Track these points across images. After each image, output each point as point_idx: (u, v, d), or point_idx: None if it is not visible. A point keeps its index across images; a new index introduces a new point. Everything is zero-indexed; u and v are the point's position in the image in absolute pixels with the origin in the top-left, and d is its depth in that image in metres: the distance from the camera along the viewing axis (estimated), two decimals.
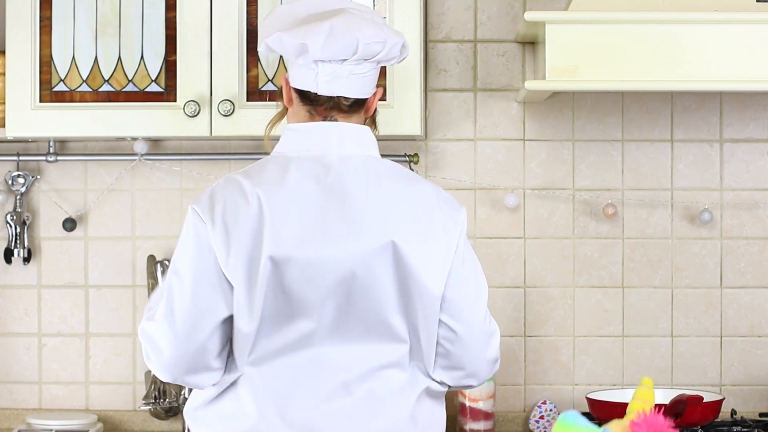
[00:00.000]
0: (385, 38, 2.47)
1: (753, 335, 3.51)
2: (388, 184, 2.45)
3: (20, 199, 3.49)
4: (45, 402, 3.54)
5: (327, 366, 2.43)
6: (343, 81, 2.47)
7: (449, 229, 2.46)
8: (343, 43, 2.44)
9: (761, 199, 3.48)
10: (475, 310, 2.50)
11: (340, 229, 2.40)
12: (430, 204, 2.46)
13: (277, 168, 2.45)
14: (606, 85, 3.09)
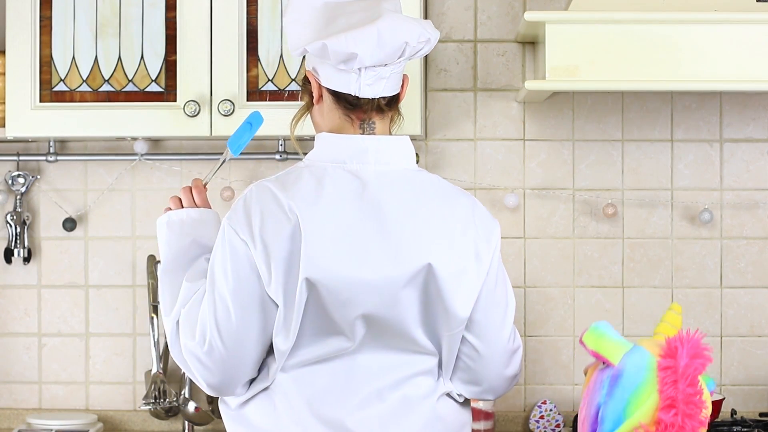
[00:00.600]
0: (429, 36, 2.41)
1: (753, 335, 3.51)
2: (426, 202, 2.39)
3: (20, 199, 3.49)
4: (45, 402, 3.54)
5: (360, 373, 2.40)
6: (384, 81, 2.41)
7: (482, 250, 2.42)
8: (392, 46, 2.37)
9: (761, 199, 3.48)
10: (502, 332, 2.48)
11: (377, 251, 2.34)
12: (466, 222, 2.42)
13: (312, 180, 2.37)
14: (606, 85, 3.09)
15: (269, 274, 2.32)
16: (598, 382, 2.19)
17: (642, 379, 2.13)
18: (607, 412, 2.14)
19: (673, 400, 2.09)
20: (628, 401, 2.13)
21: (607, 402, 2.15)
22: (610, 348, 2.17)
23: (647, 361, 2.15)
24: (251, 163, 3.47)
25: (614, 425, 2.14)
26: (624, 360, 2.16)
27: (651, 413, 2.11)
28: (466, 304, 2.40)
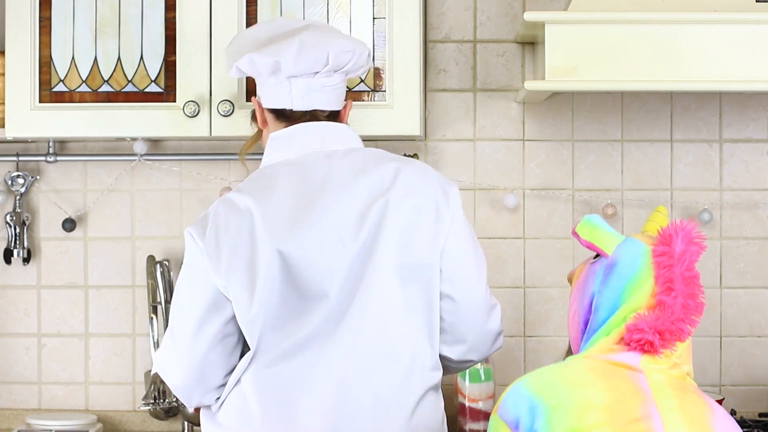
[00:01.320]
0: (353, 47, 2.57)
1: (753, 335, 3.51)
2: (374, 168, 2.51)
3: (20, 200, 3.49)
4: (45, 402, 3.54)
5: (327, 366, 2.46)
6: (317, 94, 2.55)
7: (441, 203, 2.52)
8: (314, 55, 2.52)
9: (761, 199, 3.48)
10: (478, 284, 2.56)
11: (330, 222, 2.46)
12: (419, 181, 2.52)
13: (266, 178, 2.52)
14: (605, 85, 3.09)
15: (218, 261, 2.44)
16: (590, 273, 2.22)
17: (638, 266, 2.15)
18: (602, 300, 2.16)
19: (671, 281, 2.11)
20: (623, 288, 2.14)
21: (601, 291, 2.17)
22: (603, 238, 2.20)
23: (642, 249, 2.17)
24: (250, 164, 3.46)
25: (609, 312, 2.15)
26: (618, 250, 2.18)
27: (646, 299, 2.13)
28: (430, 250, 2.48)
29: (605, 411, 2.02)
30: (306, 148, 2.55)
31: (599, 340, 2.15)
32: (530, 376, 2.12)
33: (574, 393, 2.05)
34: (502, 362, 3.47)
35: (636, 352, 2.12)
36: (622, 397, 2.05)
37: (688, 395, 2.10)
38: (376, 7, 3.16)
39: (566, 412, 2.03)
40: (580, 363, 2.12)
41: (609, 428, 2.00)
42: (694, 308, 2.11)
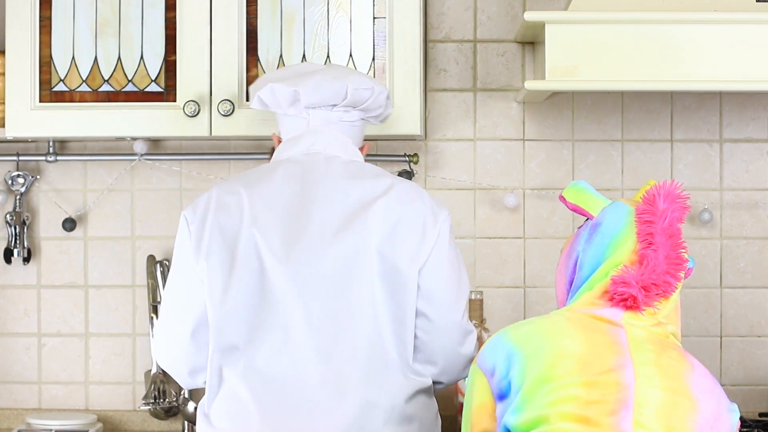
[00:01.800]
0: (372, 86, 2.63)
1: (753, 335, 3.51)
2: (370, 178, 2.55)
3: (20, 199, 3.49)
4: (45, 402, 3.54)
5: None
6: (333, 127, 2.62)
7: (428, 223, 2.54)
8: (333, 87, 2.59)
9: (761, 199, 3.48)
10: (455, 306, 2.57)
11: (317, 219, 2.50)
12: (410, 197, 2.55)
13: (265, 171, 2.58)
14: (606, 85, 3.09)
15: (198, 241, 2.51)
16: (577, 235, 2.26)
17: (621, 225, 2.19)
18: (586, 258, 2.21)
19: (652, 236, 2.14)
20: (606, 246, 2.19)
21: (585, 249, 2.22)
22: (589, 201, 2.25)
23: (626, 210, 2.21)
24: (251, 163, 3.47)
25: (592, 269, 2.19)
26: (603, 211, 2.23)
27: (628, 255, 2.16)
28: (411, 262, 2.50)
29: (577, 360, 2.05)
30: (309, 148, 2.60)
31: (583, 294, 2.19)
32: (511, 328, 2.15)
33: (549, 342, 2.08)
34: None
35: (619, 307, 2.15)
36: (596, 349, 2.07)
37: (666, 351, 2.11)
38: (376, 7, 3.16)
39: (540, 360, 2.06)
40: (560, 315, 2.16)
41: (578, 377, 2.03)
42: (676, 260, 2.14)
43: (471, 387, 2.17)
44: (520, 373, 2.07)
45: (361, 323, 2.47)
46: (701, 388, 2.08)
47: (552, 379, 2.04)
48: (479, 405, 2.13)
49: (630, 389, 2.03)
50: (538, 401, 2.03)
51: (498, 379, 2.10)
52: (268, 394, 2.45)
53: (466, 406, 2.17)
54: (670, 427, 2.03)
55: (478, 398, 2.13)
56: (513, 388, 2.07)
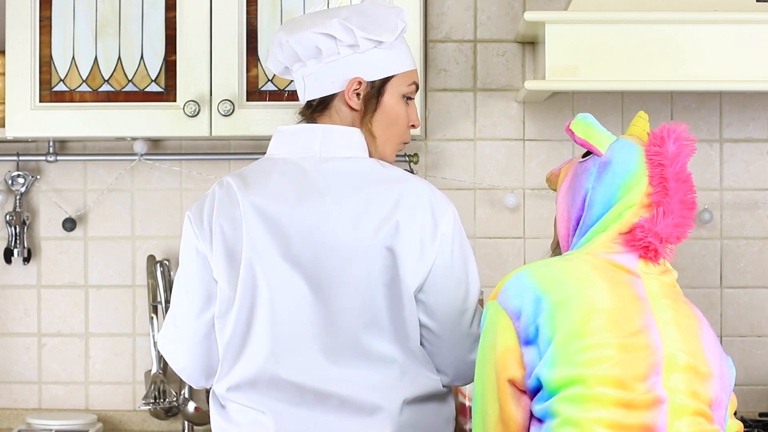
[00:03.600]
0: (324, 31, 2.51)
1: (753, 335, 3.51)
2: (371, 184, 2.46)
3: (20, 199, 3.49)
4: (45, 402, 3.54)
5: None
6: (303, 85, 2.56)
7: (427, 231, 2.45)
8: (278, 54, 2.55)
9: (761, 199, 3.48)
10: (462, 315, 2.49)
11: (308, 231, 2.44)
12: (408, 203, 2.45)
13: (264, 171, 2.51)
14: (606, 85, 3.09)
15: (211, 252, 2.47)
16: (582, 171, 2.27)
17: (632, 166, 2.21)
18: (596, 196, 2.22)
19: (666, 181, 2.18)
20: (618, 186, 2.20)
21: (595, 187, 2.23)
22: (597, 137, 2.28)
23: (635, 149, 2.23)
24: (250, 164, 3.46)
25: (604, 209, 2.21)
26: (611, 149, 2.25)
27: (639, 197, 2.19)
28: (414, 275, 2.42)
29: (608, 317, 2.08)
30: (305, 150, 2.52)
31: (597, 236, 2.20)
32: (534, 267, 2.14)
33: (578, 291, 2.10)
34: None
35: (634, 254, 2.19)
36: (623, 305, 2.10)
37: (679, 306, 2.17)
38: None
39: (571, 310, 2.07)
40: (584, 260, 2.16)
41: (610, 336, 2.06)
42: (690, 205, 2.19)
43: (492, 327, 2.13)
44: (550, 322, 2.07)
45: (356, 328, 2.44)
46: (711, 350, 2.15)
47: (585, 334, 2.05)
48: (505, 349, 2.11)
49: (659, 352, 2.08)
50: (573, 358, 2.04)
51: (525, 323, 2.09)
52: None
53: (486, 349, 2.13)
54: (694, 392, 2.10)
55: (503, 342, 2.11)
56: (542, 336, 2.07)
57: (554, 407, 2.05)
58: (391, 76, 2.54)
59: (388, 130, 2.57)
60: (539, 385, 2.08)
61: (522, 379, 2.10)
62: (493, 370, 2.12)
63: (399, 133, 2.59)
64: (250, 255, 2.45)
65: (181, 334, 2.54)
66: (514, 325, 2.10)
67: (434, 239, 2.45)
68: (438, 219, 2.46)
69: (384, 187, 2.46)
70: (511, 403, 2.11)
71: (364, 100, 2.53)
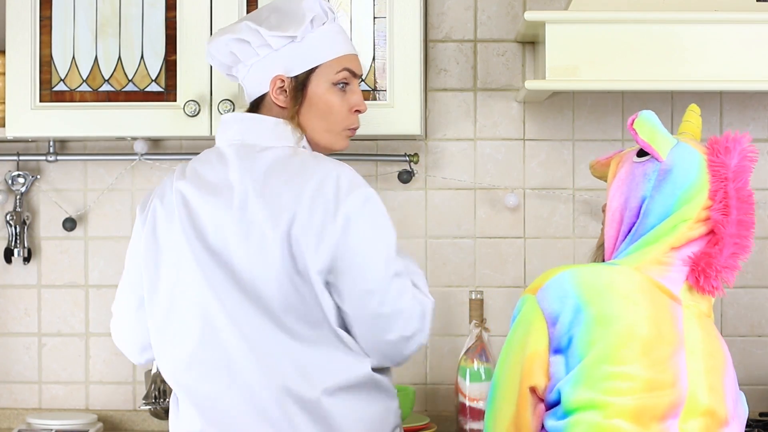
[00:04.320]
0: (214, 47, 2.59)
1: (753, 335, 3.51)
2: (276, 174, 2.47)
3: (20, 199, 3.49)
4: (45, 402, 3.54)
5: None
6: (243, 89, 2.63)
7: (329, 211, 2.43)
8: (212, 63, 2.65)
9: (761, 199, 3.48)
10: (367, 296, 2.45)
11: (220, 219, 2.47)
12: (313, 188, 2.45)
13: (200, 159, 2.58)
14: (606, 84, 3.09)
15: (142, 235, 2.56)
16: (640, 174, 2.16)
17: (693, 176, 2.11)
18: (653, 206, 2.12)
19: (726, 196, 2.09)
20: (678, 197, 2.11)
21: (653, 196, 2.13)
22: (661, 141, 2.15)
23: (698, 158, 2.13)
24: None
25: (659, 219, 2.12)
26: (672, 156, 2.14)
27: (697, 211, 2.10)
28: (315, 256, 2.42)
29: (643, 346, 2.03)
30: (229, 140, 2.57)
31: (647, 248, 2.11)
32: (579, 272, 2.07)
33: (621, 311, 2.03)
34: None
35: (681, 275, 2.11)
36: (660, 333, 2.05)
37: (711, 341, 2.11)
38: (376, 7, 3.16)
39: (609, 331, 2.01)
40: (631, 276, 2.09)
41: (641, 368, 2.02)
42: (748, 225, 2.10)
43: (526, 325, 2.08)
44: (585, 337, 2.02)
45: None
46: (731, 391, 2.10)
47: (617, 361, 2.01)
48: (534, 353, 2.06)
49: (683, 392, 2.03)
50: (599, 383, 2.00)
51: (560, 331, 2.04)
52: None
53: (516, 347, 2.08)
54: None
55: (534, 345, 2.06)
56: (573, 349, 2.02)
57: (568, 429, 2.02)
58: (314, 68, 2.56)
59: (322, 121, 2.58)
60: (558, 400, 2.04)
61: (544, 388, 2.06)
62: (518, 371, 2.08)
63: (338, 120, 2.59)
64: (170, 240, 2.49)
65: (118, 307, 2.65)
66: (548, 330, 2.06)
67: (335, 221, 2.43)
68: (341, 200, 2.44)
69: (292, 174, 2.47)
70: (528, 409, 2.07)
71: (291, 96, 2.55)
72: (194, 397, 2.51)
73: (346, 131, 2.62)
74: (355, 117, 2.63)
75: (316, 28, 2.56)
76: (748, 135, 2.12)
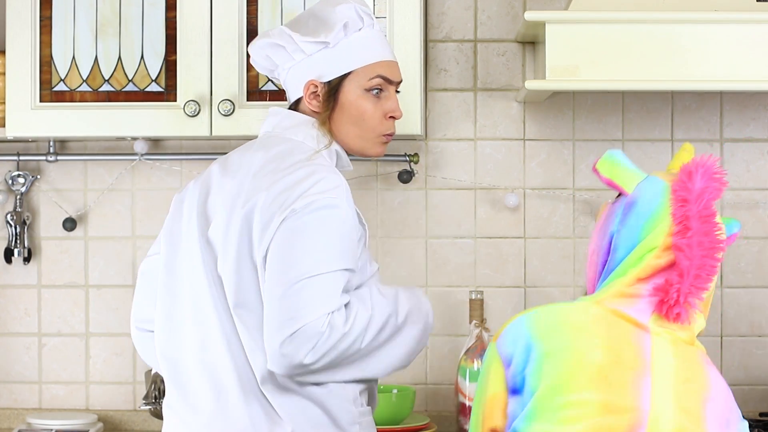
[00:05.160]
0: (256, 52, 2.62)
1: (753, 335, 3.51)
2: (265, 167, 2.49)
3: (20, 199, 3.49)
4: (45, 402, 3.54)
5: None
6: (286, 91, 2.64)
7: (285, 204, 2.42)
8: (254, 65, 2.67)
9: (761, 199, 3.48)
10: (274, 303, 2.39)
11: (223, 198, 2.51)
12: (284, 183, 2.45)
13: (241, 146, 2.62)
14: (606, 84, 3.09)
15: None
16: (610, 213, 2.13)
17: (656, 204, 2.06)
18: (620, 240, 2.08)
19: (687, 219, 2.02)
20: (641, 227, 2.06)
21: (620, 230, 2.09)
22: (624, 176, 2.11)
23: (662, 187, 2.08)
24: None
25: (627, 251, 2.07)
26: (638, 188, 2.10)
27: (662, 238, 2.04)
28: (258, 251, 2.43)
29: (597, 373, 1.97)
30: (264, 129, 2.63)
31: (615, 281, 2.07)
32: (535, 313, 2.05)
33: (570, 342, 2.00)
34: None
35: (649, 304, 2.04)
36: (618, 361, 1.99)
37: (687, 368, 2.03)
38: (376, 7, 3.16)
39: (558, 362, 1.98)
40: (587, 309, 2.05)
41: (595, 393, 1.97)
42: (710, 247, 2.02)
43: (487, 371, 2.08)
44: (536, 373, 2.00)
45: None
46: (714, 421, 2.02)
47: (568, 390, 1.98)
48: (493, 396, 2.06)
49: (644, 416, 1.97)
50: (552, 414, 1.98)
51: (513, 372, 2.03)
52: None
53: (480, 392, 2.08)
54: None
55: (493, 387, 2.06)
56: (527, 387, 2.01)
57: None
58: (347, 73, 2.56)
59: (354, 127, 2.57)
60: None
61: (502, 429, 2.04)
62: (480, 414, 2.08)
63: (371, 127, 2.58)
64: (185, 210, 2.56)
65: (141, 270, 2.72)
66: (504, 372, 2.04)
67: (281, 214, 2.41)
68: (297, 196, 2.41)
69: (283, 165, 2.48)
70: None
71: (323, 101, 2.56)
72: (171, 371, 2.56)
73: (381, 137, 2.59)
74: (390, 123, 2.60)
75: (351, 34, 2.55)
76: (714, 157, 2.07)
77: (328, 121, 2.55)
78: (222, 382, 2.47)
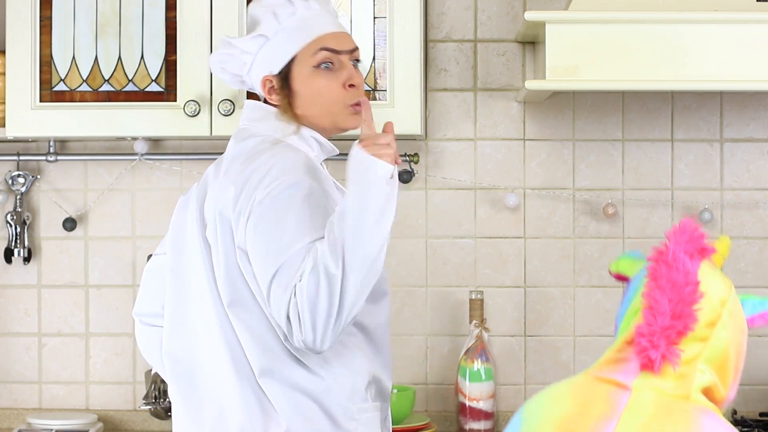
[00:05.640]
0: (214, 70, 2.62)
1: (753, 335, 3.50)
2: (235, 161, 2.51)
3: (20, 199, 3.49)
4: (45, 402, 3.54)
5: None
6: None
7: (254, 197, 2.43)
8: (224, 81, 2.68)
9: (761, 199, 3.48)
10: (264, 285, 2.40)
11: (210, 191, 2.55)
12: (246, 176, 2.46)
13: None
14: (606, 84, 3.09)
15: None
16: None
17: (639, 281, 1.99)
18: (619, 320, 2.04)
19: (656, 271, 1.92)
20: (629, 298, 2.02)
21: (620, 312, 2.05)
22: (627, 265, 2.07)
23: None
24: None
25: (619, 331, 2.02)
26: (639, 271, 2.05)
27: (636, 317, 1.96)
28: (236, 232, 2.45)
29: (557, 426, 1.91)
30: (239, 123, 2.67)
31: (607, 351, 2.01)
32: (534, 397, 2.03)
33: (539, 410, 1.96)
34: (503, 362, 3.47)
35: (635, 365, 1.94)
36: (583, 415, 1.92)
37: (666, 416, 1.91)
38: (376, 7, 3.16)
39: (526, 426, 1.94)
40: (573, 379, 2.01)
41: None
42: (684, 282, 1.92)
43: None
44: None
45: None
46: None
47: None
48: None
49: None
50: None
51: None
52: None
53: None
54: None
55: None
56: None
57: None
58: (292, 59, 2.53)
59: (316, 106, 2.53)
60: None
61: None
62: None
63: (333, 100, 2.52)
64: (188, 224, 2.62)
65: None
66: None
67: (248, 208, 2.42)
68: (256, 186, 2.42)
69: (242, 163, 2.49)
70: None
71: (279, 92, 2.54)
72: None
73: (348, 108, 2.52)
74: (353, 92, 2.53)
75: (285, 20, 2.52)
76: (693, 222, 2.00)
77: (290, 109, 2.53)
78: (220, 377, 2.48)
